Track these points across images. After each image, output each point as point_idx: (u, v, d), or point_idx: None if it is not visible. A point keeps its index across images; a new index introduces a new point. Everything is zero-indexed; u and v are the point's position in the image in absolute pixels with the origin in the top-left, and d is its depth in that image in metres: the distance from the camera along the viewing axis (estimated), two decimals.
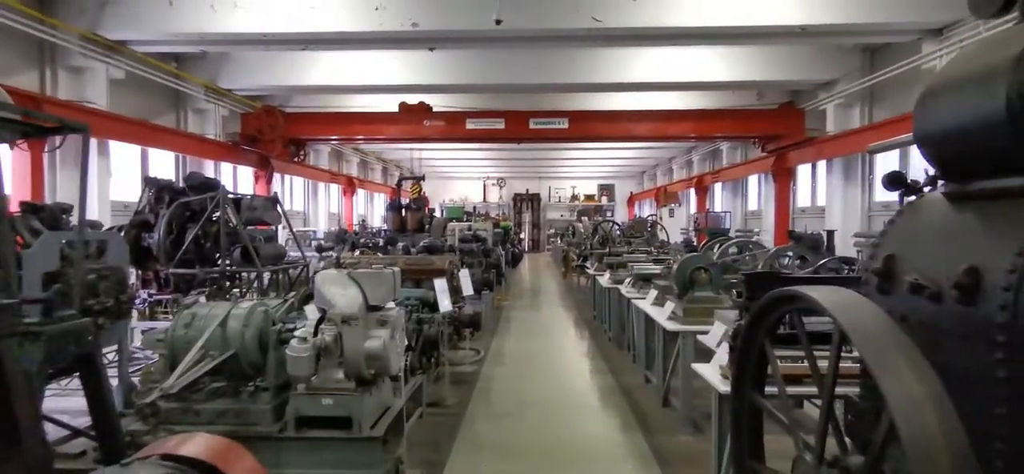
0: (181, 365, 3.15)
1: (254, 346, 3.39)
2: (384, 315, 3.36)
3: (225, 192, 6.24)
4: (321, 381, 3.31)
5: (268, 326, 3.46)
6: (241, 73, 13.25)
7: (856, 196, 12.67)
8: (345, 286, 3.32)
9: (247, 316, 3.41)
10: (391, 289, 3.50)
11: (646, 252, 10.30)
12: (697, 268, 5.33)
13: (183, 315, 3.43)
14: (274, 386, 3.35)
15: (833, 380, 2.13)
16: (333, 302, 3.29)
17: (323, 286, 3.34)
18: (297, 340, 3.21)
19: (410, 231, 14.83)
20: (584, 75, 12.68)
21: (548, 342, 9.63)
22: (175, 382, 3.03)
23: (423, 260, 6.55)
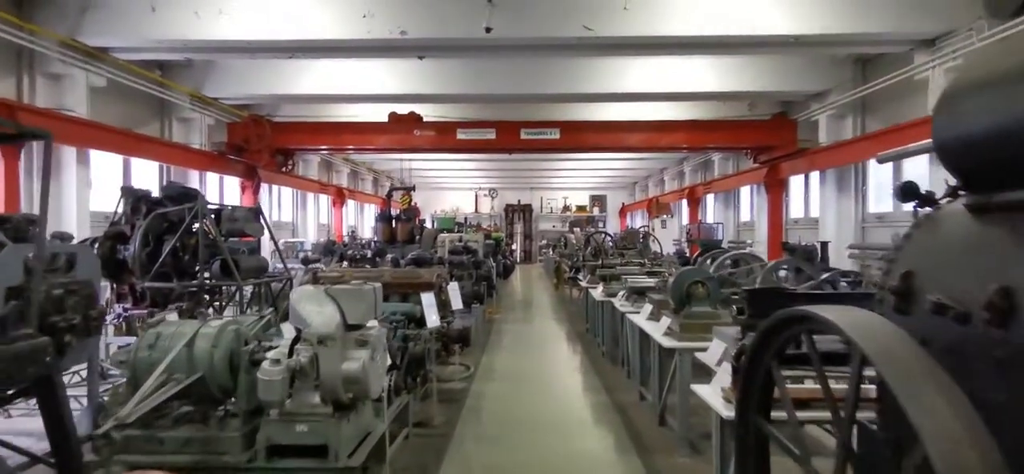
0: (140, 391, 2.92)
1: (224, 368, 3.17)
2: (364, 335, 3.14)
3: (204, 203, 6.00)
4: (295, 406, 3.09)
5: (239, 346, 3.24)
6: (228, 81, 13.02)
7: (850, 207, 12.59)
8: (321, 304, 3.11)
9: (216, 336, 3.18)
10: (371, 307, 3.29)
11: (639, 264, 10.13)
12: (694, 282, 5.15)
13: (147, 335, 3.20)
14: (245, 411, 3.12)
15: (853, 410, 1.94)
16: (308, 321, 3.08)
17: (298, 304, 3.12)
18: (269, 362, 2.99)
19: (400, 242, 14.63)
20: (575, 85, 12.56)
21: (540, 357, 9.41)
22: (132, 410, 2.79)
23: (410, 273, 6.33)
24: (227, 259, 5.91)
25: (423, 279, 6.19)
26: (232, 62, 12.70)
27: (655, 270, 8.80)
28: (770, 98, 14.22)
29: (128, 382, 3.16)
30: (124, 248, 6.34)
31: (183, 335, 3.15)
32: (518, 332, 11.65)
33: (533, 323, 13.08)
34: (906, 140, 10.11)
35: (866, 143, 11.31)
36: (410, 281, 6.17)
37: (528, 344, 10.45)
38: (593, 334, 10.29)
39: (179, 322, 3.34)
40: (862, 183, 12.53)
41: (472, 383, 7.55)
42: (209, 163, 13.48)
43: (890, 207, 11.72)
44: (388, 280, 6.26)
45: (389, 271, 6.62)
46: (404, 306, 5.85)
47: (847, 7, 9.07)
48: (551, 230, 34.75)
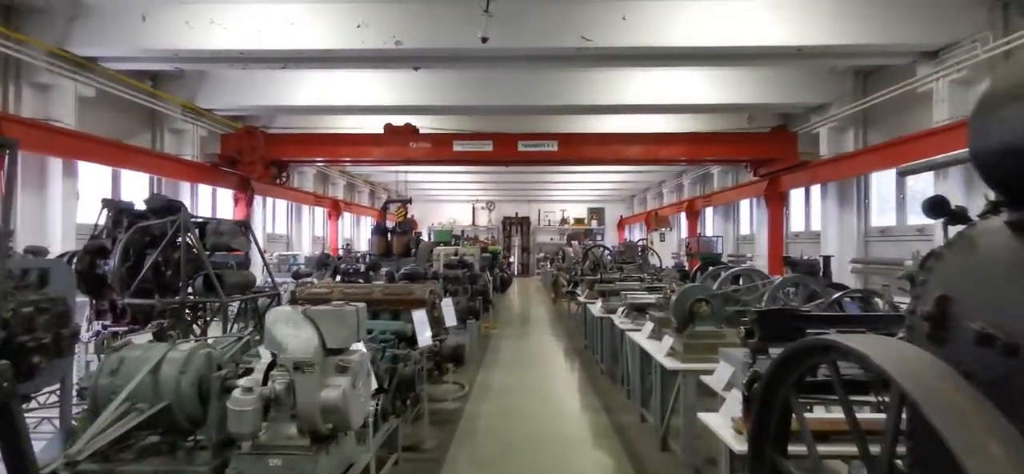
0: (97, 423, 2.68)
1: (192, 396, 2.93)
2: (345, 360, 2.90)
3: (187, 215, 5.77)
4: (270, 437, 2.84)
5: (211, 371, 3.00)
6: (221, 92, 12.83)
7: (852, 221, 12.40)
8: (298, 326, 2.87)
9: (185, 360, 2.94)
10: (354, 329, 3.05)
11: (639, 279, 9.90)
12: (697, 300, 4.92)
13: (109, 360, 2.96)
14: (215, 443, 2.88)
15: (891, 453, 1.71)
16: (284, 345, 2.84)
17: (273, 326, 2.88)
18: (240, 390, 2.75)
19: (396, 256, 14.39)
20: (573, 97, 12.40)
21: (537, 375, 9.15)
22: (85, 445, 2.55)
23: (401, 290, 6.09)
24: (210, 274, 5.66)
25: (415, 295, 5.95)
26: (225, 73, 12.52)
27: (655, 286, 8.57)
28: (769, 110, 14.08)
29: (88, 411, 2.91)
30: (104, 262, 6.10)
31: (148, 360, 2.91)
32: (515, 348, 11.39)
33: (530, 338, 12.82)
34: (911, 152, 9.94)
35: (869, 156, 11.14)
36: (401, 298, 5.93)
37: (525, 361, 10.19)
38: (591, 351, 10.04)
39: (146, 345, 3.10)
40: (864, 196, 12.34)
41: (466, 403, 7.29)
42: (201, 175, 13.26)
43: (893, 221, 11.52)
44: (379, 296, 6.02)
45: (380, 287, 6.38)
46: (394, 324, 5.60)
47: (849, 18, 8.92)
48: (549, 243, 34.55)
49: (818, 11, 8.94)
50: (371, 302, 5.99)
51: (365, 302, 6.10)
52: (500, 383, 8.43)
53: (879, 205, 12.19)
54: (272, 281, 7.06)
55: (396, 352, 4.96)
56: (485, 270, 14.55)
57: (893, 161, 10.69)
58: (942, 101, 9.23)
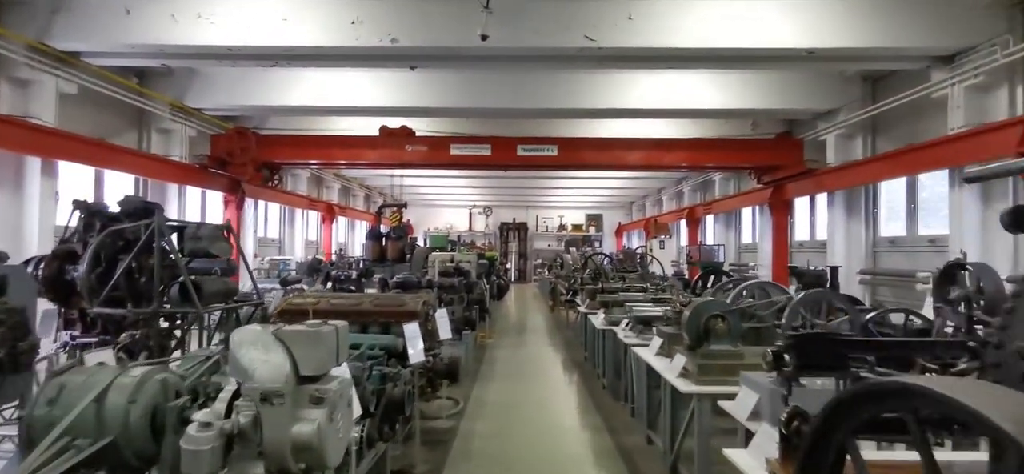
0: (26, 462, 2.28)
1: (143, 429, 2.52)
2: (321, 389, 2.51)
3: (162, 218, 5.36)
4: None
5: (166, 400, 2.60)
6: (211, 92, 12.43)
7: (860, 231, 12.05)
8: (267, 349, 2.47)
9: (135, 388, 2.54)
10: (332, 352, 2.65)
11: (642, 289, 9.51)
12: (713, 316, 4.53)
13: (49, 387, 2.56)
14: None
15: None
16: (250, 371, 2.45)
17: (238, 350, 2.48)
18: (197, 424, 2.36)
19: (390, 261, 13.99)
20: (574, 100, 12.04)
21: (536, 389, 8.74)
22: None
23: (392, 301, 5.69)
24: (186, 282, 5.25)
25: (407, 307, 5.55)
26: (215, 71, 12.13)
27: (660, 297, 8.19)
28: (775, 116, 13.76)
29: (22, 447, 2.51)
30: (74, 268, 5.68)
31: (93, 387, 2.51)
32: (512, 360, 10.99)
33: (528, 349, 12.41)
34: (925, 160, 9.61)
35: (880, 164, 10.80)
36: (392, 310, 5.53)
37: (523, 374, 9.78)
38: (592, 363, 9.65)
39: (93, 369, 2.70)
40: (873, 205, 12.00)
41: (461, 420, 6.88)
42: (190, 176, 12.84)
43: (903, 231, 11.18)
44: (367, 308, 5.63)
45: (370, 297, 5.98)
46: (384, 339, 5.20)
47: (863, 21, 8.59)
48: (546, 249, 34.19)
49: (831, 13, 8.61)
50: (359, 314, 5.60)
51: (353, 314, 5.72)
52: (497, 398, 8.03)
53: (888, 214, 11.85)
54: (256, 289, 6.65)
55: (385, 370, 4.56)
56: (482, 277, 14.15)
57: (904, 169, 10.38)
58: (958, 108, 8.90)
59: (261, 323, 2.70)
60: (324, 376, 2.63)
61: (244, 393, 2.49)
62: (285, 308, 5.62)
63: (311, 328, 2.59)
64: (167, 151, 12.48)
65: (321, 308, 5.60)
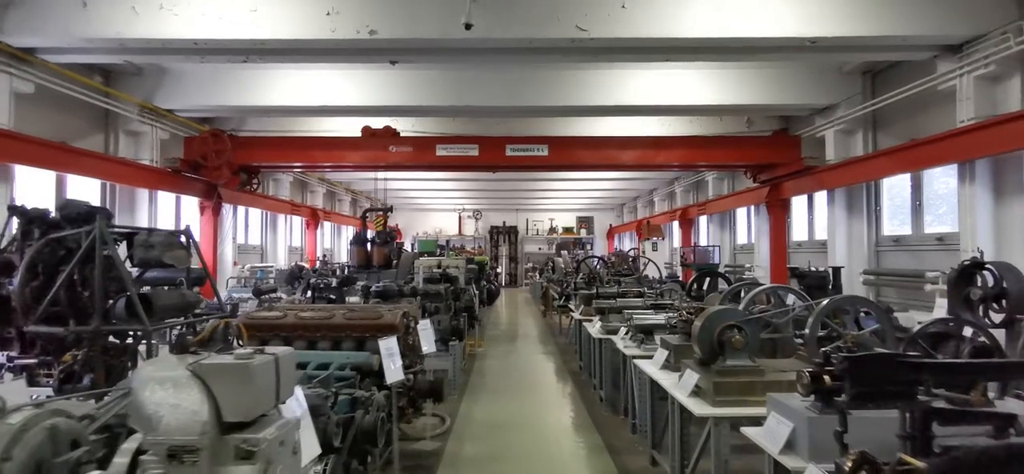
0: None
1: None
2: (251, 440, 1.94)
3: (104, 224, 4.76)
4: None
5: (53, 453, 2.03)
6: (183, 91, 11.78)
7: (862, 229, 11.62)
8: (179, 390, 1.91)
9: (12, 440, 1.97)
10: (268, 390, 2.09)
11: (639, 293, 8.99)
12: (728, 327, 4.01)
13: None
14: None
15: None
16: (156, 419, 1.89)
17: (142, 390, 1.92)
18: None
19: (376, 267, 13.40)
20: (565, 97, 11.53)
21: (529, 404, 8.17)
22: None
23: (367, 313, 5.12)
24: (132, 295, 4.65)
25: (383, 320, 4.98)
26: (186, 69, 11.49)
27: (660, 302, 7.67)
28: (771, 113, 13.32)
29: None
30: (9, 281, 5.06)
31: None
32: (503, 370, 10.43)
33: (520, 358, 11.85)
34: (932, 155, 9.18)
35: (883, 160, 10.37)
36: (367, 323, 4.96)
37: (515, 386, 9.21)
38: (588, 373, 9.11)
39: None
40: (875, 204, 11.57)
41: (447, 441, 6.31)
42: (162, 181, 12.17)
43: (908, 229, 10.75)
44: (340, 322, 5.05)
45: (344, 309, 5.40)
46: (357, 357, 4.63)
47: (868, 9, 8.14)
48: (537, 253, 33.69)
49: (833, 1, 8.16)
50: (331, 329, 5.03)
51: (324, 329, 5.15)
52: (486, 415, 7.46)
53: (891, 212, 11.43)
54: (220, 301, 6.04)
55: (356, 394, 3.99)
56: (471, 283, 13.59)
57: (909, 165, 9.96)
58: (967, 99, 8.47)
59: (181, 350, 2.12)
60: (257, 421, 2.06)
61: (148, 447, 1.92)
62: (247, 323, 5.03)
63: (239, 360, 2.02)
64: (136, 155, 11.82)
65: (287, 323, 5.04)
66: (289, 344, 5.03)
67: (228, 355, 2.05)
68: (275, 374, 2.14)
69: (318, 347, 4.99)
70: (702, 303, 7.83)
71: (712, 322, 4.12)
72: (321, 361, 4.55)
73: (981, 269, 4.83)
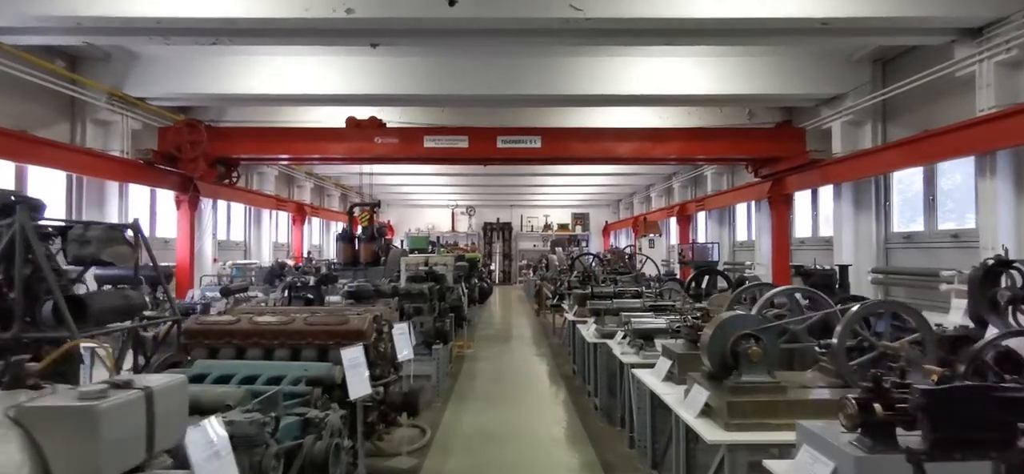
0: None
1: None
2: None
3: (26, 216, 4.14)
4: None
5: None
6: (155, 78, 11.12)
7: (870, 226, 11.08)
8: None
9: None
10: (134, 441, 1.50)
11: (636, 293, 8.42)
12: (743, 336, 3.43)
13: None
14: None
15: None
16: None
17: None
18: None
19: (363, 265, 12.81)
20: (558, 86, 10.93)
21: (518, 413, 7.57)
22: None
23: (330, 319, 4.51)
24: (57, 297, 4.04)
25: (349, 326, 4.39)
26: (157, 54, 10.84)
27: (660, 304, 7.09)
28: (775, 103, 12.76)
29: None
30: None
31: None
32: (492, 373, 9.84)
33: (511, 360, 11.27)
34: (948, 147, 8.63)
35: (894, 152, 9.82)
36: (330, 329, 4.37)
37: (504, 392, 8.62)
38: (582, 378, 8.54)
39: None
40: (885, 198, 11.03)
41: (427, 456, 5.72)
42: (133, 173, 11.51)
43: (920, 225, 10.21)
44: (300, 327, 4.46)
45: (307, 313, 4.80)
46: (317, 368, 4.03)
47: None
48: (532, 250, 33.10)
49: None
50: (289, 336, 4.43)
51: (282, 335, 4.55)
52: (472, 425, 6.87)
53: (902, 208, 10.89)
54: (172, 304, 5.43)
55: (309, 415, 3.40)
56: (460, 281, 13.00)
57: (924, 158, 9.41)
58: (987, 86, 7.92)
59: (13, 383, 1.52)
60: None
61: None
62: (194, 330, 4.43)
63: (83, 401, 1.42)
64: (106, 145, 11.16)
65: (239, 329, 4.44)
66: (242, 353, 4.44)
67: (71, 393, 1.45)
68: (146, 416, 1.54)
69: (275, 356, 4.39)
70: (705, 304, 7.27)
71: (725, 330, 3.54)
72: (274, 374, 3.96)
73: (1008, 268, 4.29)
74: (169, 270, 7.86)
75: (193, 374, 3.89)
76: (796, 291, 4.62)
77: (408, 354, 5.47)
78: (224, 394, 3.26)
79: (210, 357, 4.41)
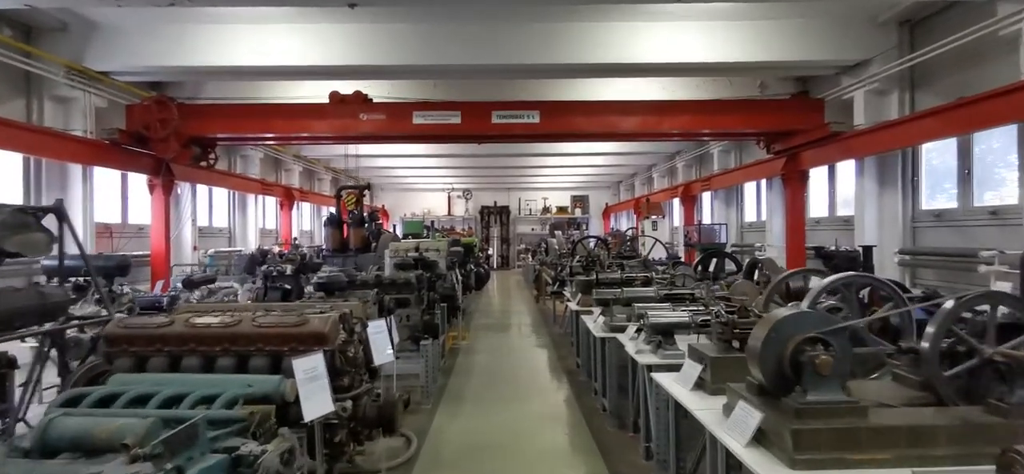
0: None
1: None
2: None
3: None
4: None
5: None
6: (117, 50, 10.22)
7: (895, 203, 10.26)
8: None
9: None
10: None
11: (646, 280, 7.59)
12: (806, 340, 2.62)
13: None
14: None
15: None
16: None
17: None
18: None
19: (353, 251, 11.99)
20: (556, 55, 10.03)
21: (516, 415, 6.78)
22: None
23: (285, 320, 3.68)
24: None
25: (307, 328, 3.57)
26: (120, 25, 9.94)
27: (677, 293, 6.27)
28: (792, 71, 11.84)
29: None
30: None
31: None
32: (489, 368, 9.06)
33: (510, 353, 10.48)
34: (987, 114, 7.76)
35: (929, 122, 8.90)
36: (282, 333, 3.55)
37: (502, 390, 7.84)
38: (587, 373, 7.76)
39: None
40: (912, 174, 10.20)
41: (411, 472, 4.94)
42: (98, 155, 10.61)
43: (953, 202, 9.40)
44: (247, 330, 3.64)
45: (260, 312, 3.97)
46: (264, 384, 3.21)
47: None
48: (530, 233, 32.29)
49: None
50: (234, 340, 3.62)
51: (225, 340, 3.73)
52: (464, 432, 6.08)
53: (932, 183, 10.07)
54: (104, 301, 4.59)
55: (242, 451, 2.59)
56: (454, 267, 12.19)
57: (961, 127, 8.54)
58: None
59: None
60: None
61: None
62: (117, 335, 3.61)
63: None
64: (66, 124, 10.28)
65: (173, 333, 3.62)
66: (176, 363, 3.62)
67: None
68: None
69: (217, 367, 3.58)
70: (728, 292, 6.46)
71: (782, 333, 2.72)
72: (207, 392, 3.14)
73: None
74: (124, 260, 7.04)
75: (104, 394, 3.08)
76: (854, 278, 3.79)
77: (388, 356, 4.67)
78: (123, 428, 2.45)
79: (137, 368, 3.60)
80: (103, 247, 11.22)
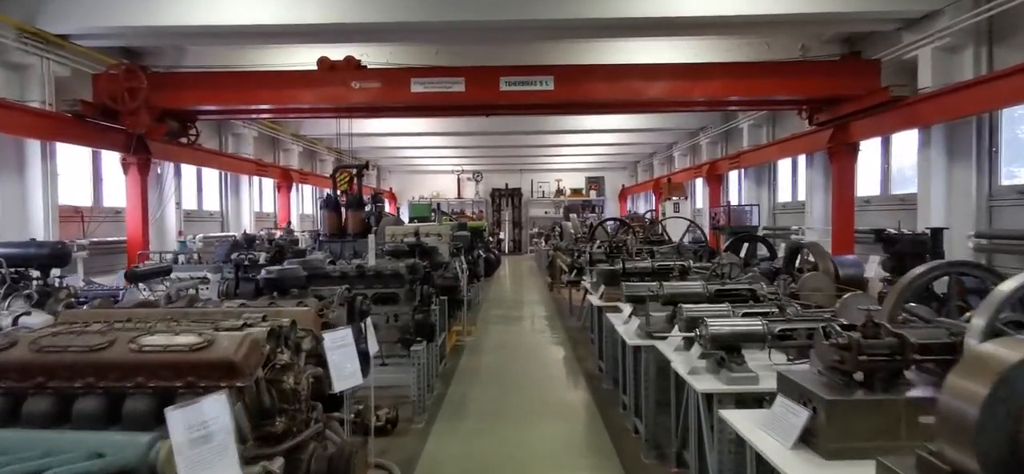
0: None
1: None
2: None
3: None
4: None
5: None
6: (76, 10, 9.06)
7: (968, 179, 8.83)
8: None
9: None
10: None
11: (683, 270, 6.30)
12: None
13: None
14: None
15: None
16: None
17: None
18: None
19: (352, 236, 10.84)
20: (573, 9, 8.71)
21: (527, 436, 5.53)
22: None
23: (189, 337, 2.46)
24: None
25: (209, 354, 2.34)
26: None
27: (730, 289, 4.96)
28: (842, 24, 10.25)
29: None
30: None
31: None
32: (495, 372, 7.84)
33: (519, 352, 9.26)
34: None
35: (1013, 81, 7.48)
36: (174, 360, 2.32)
37: (509, 401, 6.61)
38: (612, 381, 6.52)
39: None
40: (990, 144, 8.76)
41: None
42: (58, 130, 9.48)
43: None
44: (121, 357, 2.41)
45: (156, 327, 2.75)
46: (124, 450, 2.00)
47: None
48: (543, 216, 30.99)
49: None
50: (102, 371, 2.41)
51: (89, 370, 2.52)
52: (461, 461, 4.87)
53: (1012, 156, 8.63)
54: None
55: None
56: (459, 254, 10.96)
57: None
58: None
59: None
60: None
61: None
62: None
63: None
64: (22, 95, 9.14)
65: (12, 360, 2.42)
66: (17, 406, 2.43)
67: None
68: None
69: (75, 411, 2.37)
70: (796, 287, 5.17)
71: (1011, 392, 1.44)
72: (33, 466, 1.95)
73: None
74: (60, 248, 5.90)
75: None
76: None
77: (354, 378, 3.46)
78: None
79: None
80: (72, 233, 10.15)
